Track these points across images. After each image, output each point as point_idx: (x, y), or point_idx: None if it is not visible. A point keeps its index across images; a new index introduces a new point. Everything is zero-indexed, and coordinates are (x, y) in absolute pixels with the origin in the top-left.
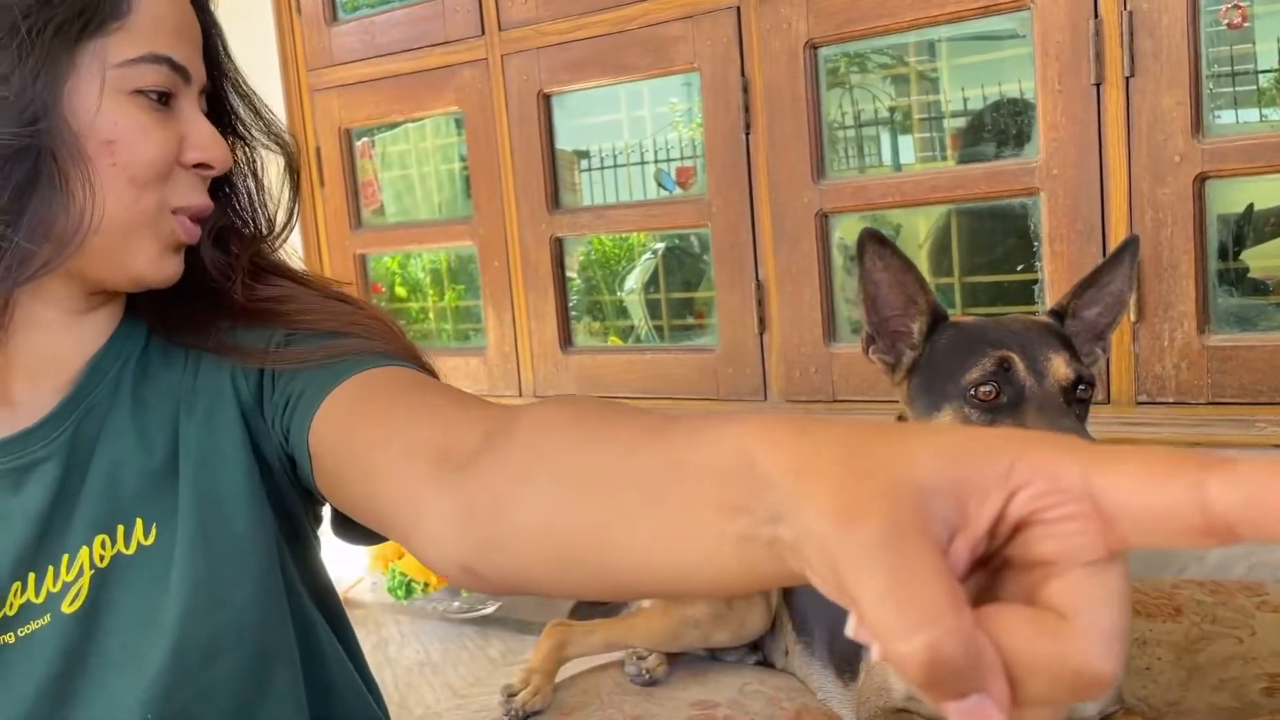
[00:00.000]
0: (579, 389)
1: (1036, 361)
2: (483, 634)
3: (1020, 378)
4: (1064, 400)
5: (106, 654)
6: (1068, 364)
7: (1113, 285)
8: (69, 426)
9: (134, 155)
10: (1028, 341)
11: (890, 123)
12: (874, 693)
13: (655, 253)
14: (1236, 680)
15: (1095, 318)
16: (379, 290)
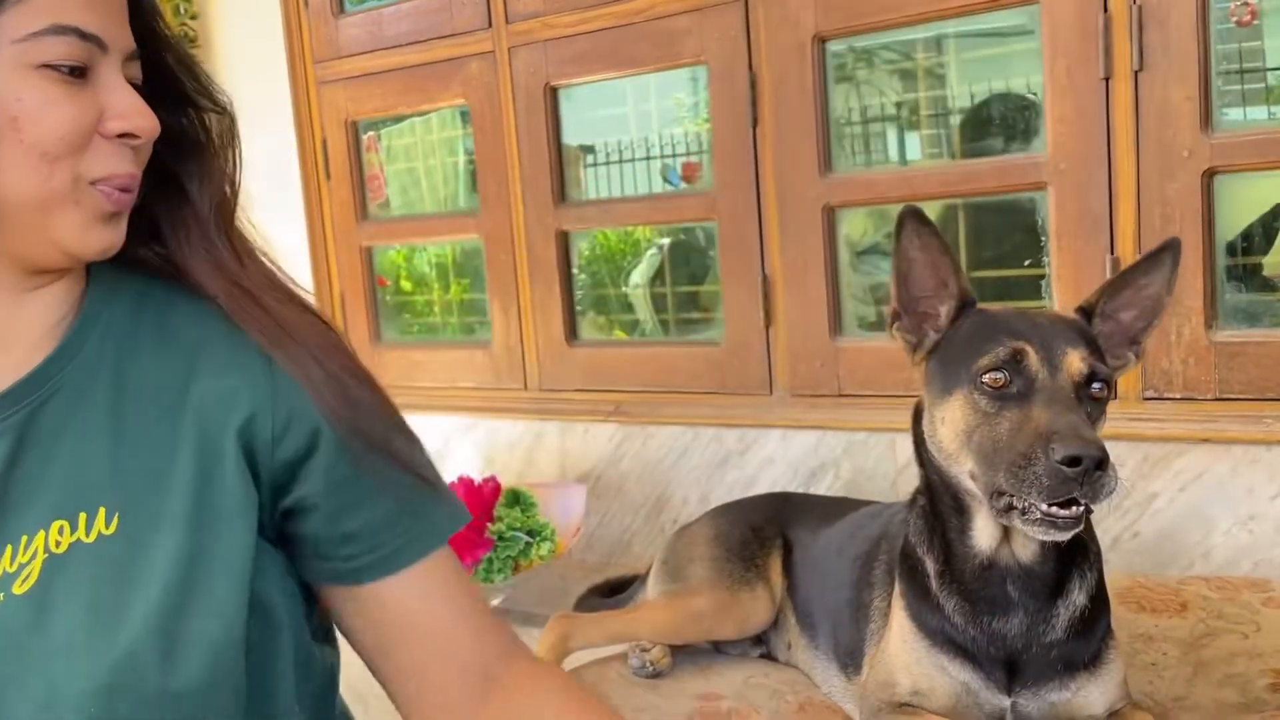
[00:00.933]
0: (584, 383)
1: (1052, 354)
2: None
3: (1032, 369)
4: (1075, 395)
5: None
6: (1083, 359)
7: (1150, 288)
8: (26, 406)
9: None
10: (1048, 335)
11: (897, 119)
12: (878, 687)
13: (661, 248)
14: (1242, 676)
15: (1130, 320)
16: (384, 283)
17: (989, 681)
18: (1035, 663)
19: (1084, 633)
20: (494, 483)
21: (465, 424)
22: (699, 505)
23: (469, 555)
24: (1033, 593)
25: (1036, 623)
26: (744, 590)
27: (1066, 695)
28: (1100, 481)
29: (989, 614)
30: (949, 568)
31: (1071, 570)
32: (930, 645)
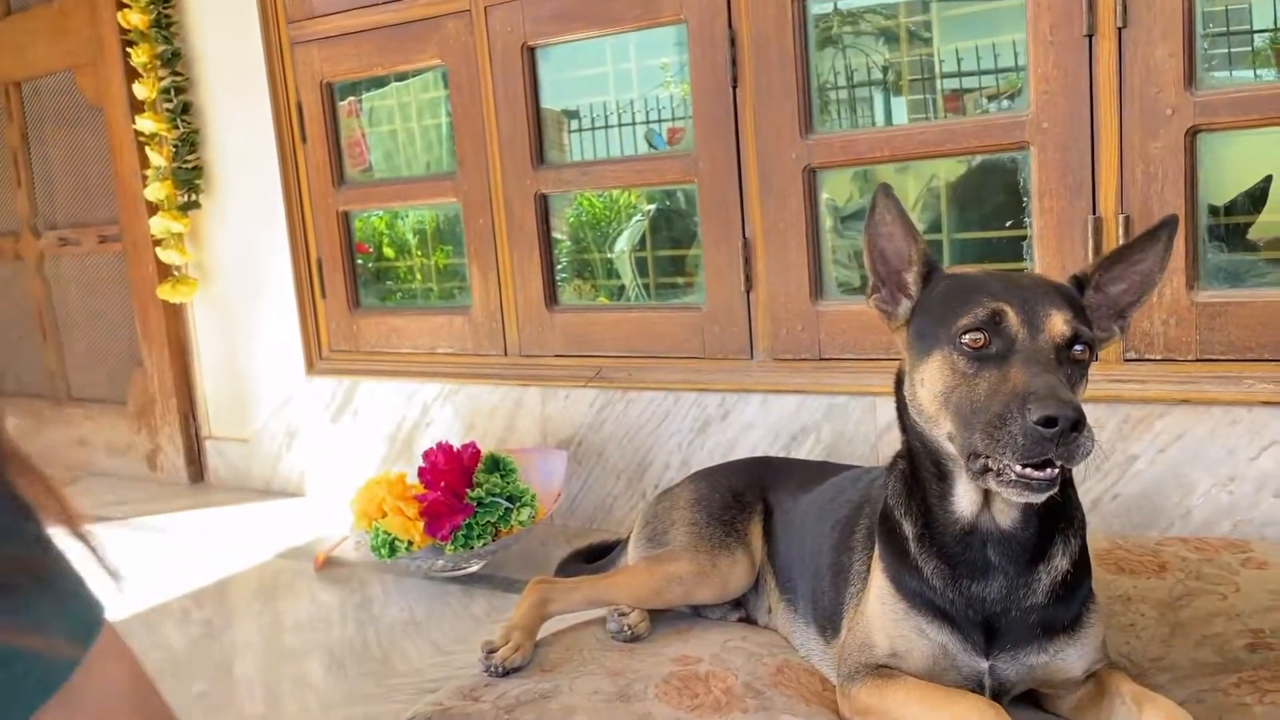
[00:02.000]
0: (564, 349)
1: (1034, 316)
2: (467, 592)
3: (1012, 330)
4: (1055, 357)
5: None
6: (1066, 321)
7: (1143, 264)
8: None
9: None
10: (1029, 297)
11: (884, 83)
12: (856, 649)
13: (646, 214)
14: (1220, 636)
15: (1119, 294)
16: (365, 250)
17: (967, 644)
18: (1014, 626)
19: (1065, 597)
20: (473, 449)
21: (445, 390)
22: (680, 470)
23: (448, 522)
24: (1013, 558)
25: (1017, 587)
26: (723, 555)
27: (1045, 658)
28: (1076, 443)
29: (968, 578)
30: (928, 531)
31: (1054, 536)
32: (909, 608)
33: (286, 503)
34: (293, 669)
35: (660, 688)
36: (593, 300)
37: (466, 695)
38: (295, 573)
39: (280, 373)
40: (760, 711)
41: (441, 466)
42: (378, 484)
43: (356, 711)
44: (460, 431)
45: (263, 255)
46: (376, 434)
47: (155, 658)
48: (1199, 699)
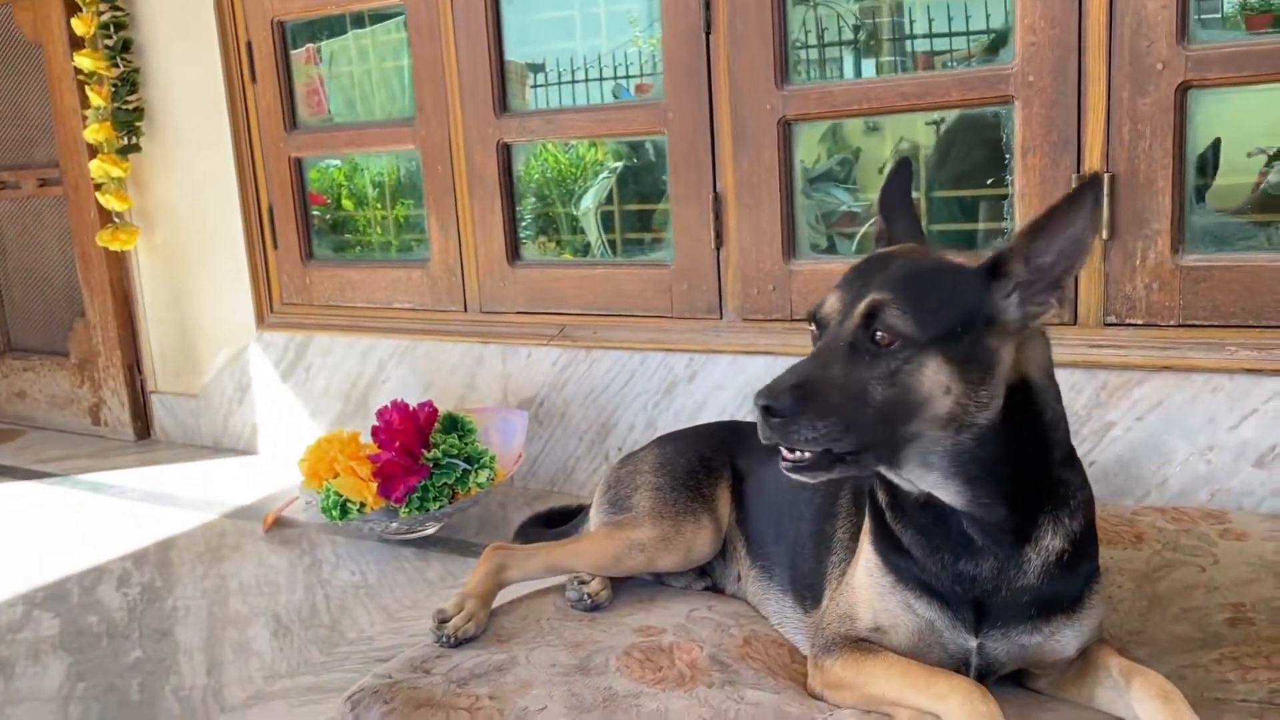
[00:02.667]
0: (527, 305)
1: (851, 305)
2: (422, 556)
3: (827, 318)
4: (852, 344)
5: None
6: (870, 304)
7: (1073, 230)
8: None
9: None
10: (867, 280)
11: (854, 44)
12: (837, 620)
13: (613, 172)
14: (1199, 610)
15: (1050, 264)
16: (323, 201)
17: (956, 621)
18: (1007, 605)
19: (1064, 577)
20: (430, 407)
21: (401, 346)
22: (645, 432)
23: (402, 483)
24: (994, 537)
25: (1008, 567)
26: (688, 521)
27: (1039, 639)
28: (782, 428)
29: (951, 553)
30: (897, 501)
31: (1040, 517)
32: (896, 581)
33: (235, 461)
34: (236, 635)
35: (622, 660)
36: (557, 255)
37: (417, 667)
38: (242, 533)
39: (230, 326)
40: (726, 685)
41: (397, 425)
42: (329, 443)
43: (303, 681)
44: (417, 390)
45: (210, 203)
46: (330, 391)
47: (90, 622)
48: (1180, 675)
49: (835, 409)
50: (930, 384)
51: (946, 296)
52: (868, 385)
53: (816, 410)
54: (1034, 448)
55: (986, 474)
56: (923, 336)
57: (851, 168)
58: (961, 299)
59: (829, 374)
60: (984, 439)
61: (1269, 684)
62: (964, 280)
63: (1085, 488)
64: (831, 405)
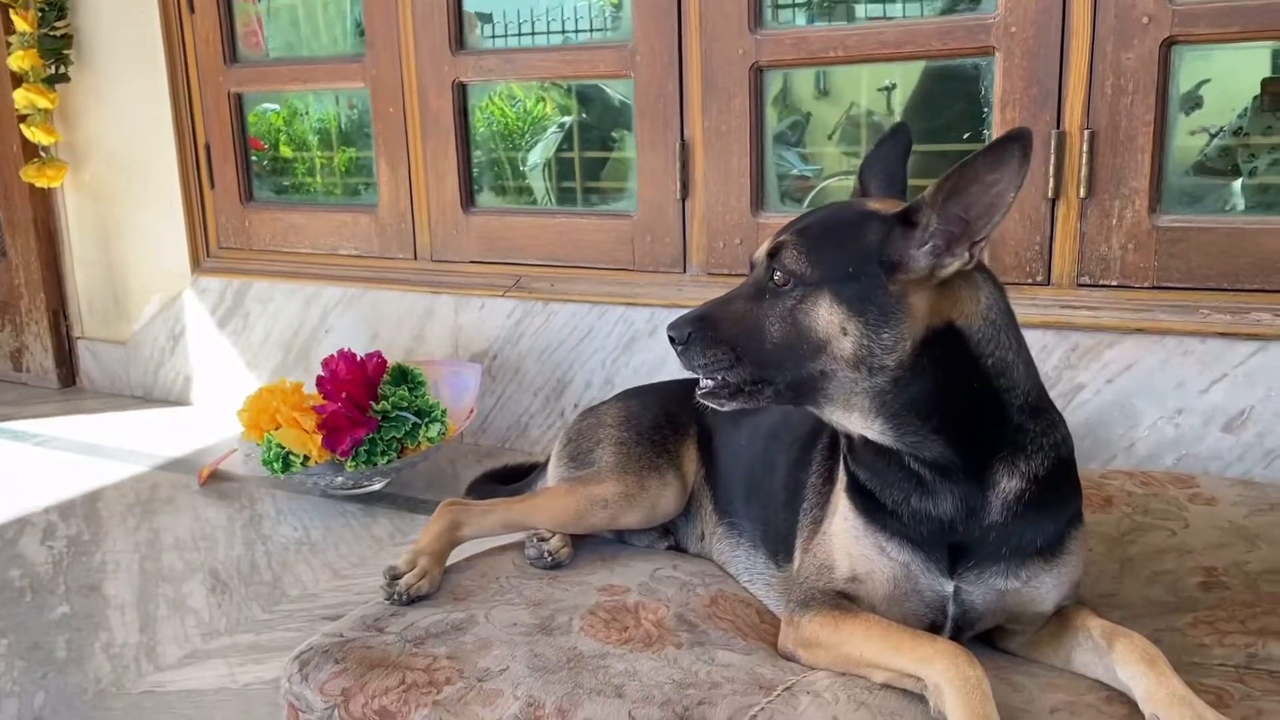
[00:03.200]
0: (481, 254)
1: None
2: (368, 512)
3: (755, 261)
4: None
5: None
6: (771, 246)
7: (997, 185)
8: None
9: None
10: (793, 227)
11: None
12: (814, 571)
13: (563, 126)
14: (1171, 574)
15: (964, 214)
16: (261, 147)
17: (930, 563)
18: (978, 545)
19: (1033, 518)
20: (379, 358)
21: (348, 295)
22: (603, 388)
23: (348, 436)
24: (945, 476)
25: (973, 507)
26: (653, 477)
27: (1016, 584)
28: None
29: (903, 490)
30: (852, 441)
31: (991, 460)
32: (867, 523)
33: (168, 411)
34: (171, 591)
35: (586, 619)
36: (514, 203)
37: (370, 626)
38: (176, 486)
39: (163, 270)
40: (695, 646)
41: (343, 376)
42: (271, 393)
43: (243, 639)
44: (364, 341)
45: (143, 139)
46: (270, 340)
47: (12, 576)
48: (1156, 639)
49: (726, 340)
50: (824, 323)
51: (845, 240)
52: (763, 321)
53: (708, 340)
54: (975, 392)
55: (911, 413)
56: (813, 276)
57: (803, 131)
58: (859, 243)
59: (730, 309)
60: (900, 381)
61: (1245, 648)
62: (869, 226)
63: (1052, 433)
64: (723, 337)
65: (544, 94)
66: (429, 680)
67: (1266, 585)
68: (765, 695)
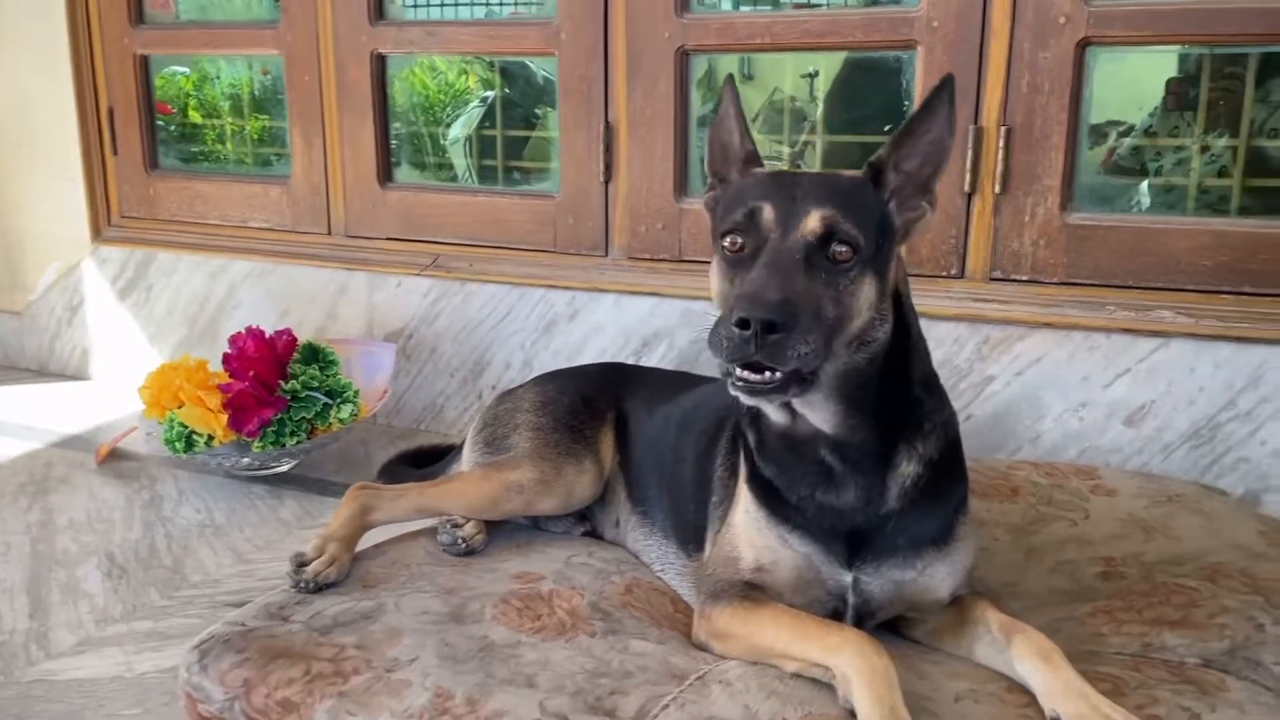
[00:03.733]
0: (398, 231)
1: (791, 214)
2: (275, 494)
3: (765, 229)
4: (805, 257)
5: None
6: (823, 218)
7: (931, 134)
8: None
9: None
10: (797, 193)
11: None
12: (722, 564)
13: (485, 100)
14: (1072, 563)
15: (917, 169)
16: (168, 111)
17: (829, 554)
18: (875, 537)
19: (927, 507)
20: (289, 336)
21: (256, 269)
22: (521, 371)
23: (255, 415)
24: (855, 464)
25: (871, 496)
26: (570, 463)
27: (912, 574)
28: (778, 345)
29: (810, 484)
30: (763, 438)
31: (898, 442)
32: (769, 515)
33: (64, 385)
34: (65, 575)
35: (499, 608)
36: (433, 179)
37: (274, 614)
38: (72, 465)
39: (61, 239)
40: (609, 635)
41: (251, 354)
42: (174, 369)
43: (140, 626)
44: (274, 317)
45: (42, 101)
46: (174, 314)
47: None
48: (1055, 628)
49: (811, 325)
50: (864, 299)
51: (870, 209)
52: (823, 301)
53: (805, 326)
54: (901, 366)
55: (863, 393)
56: (868, 251)
57: None
58: (876, 210)
59: (794, 286)
60: (873, 356)
61: (1141, 637)
62: (870, 192)
63: (942, 410)
64: (811, 322)
65: (467, 67)
66: (335, 670)
67: (1162, 575)
68: (678, 684)
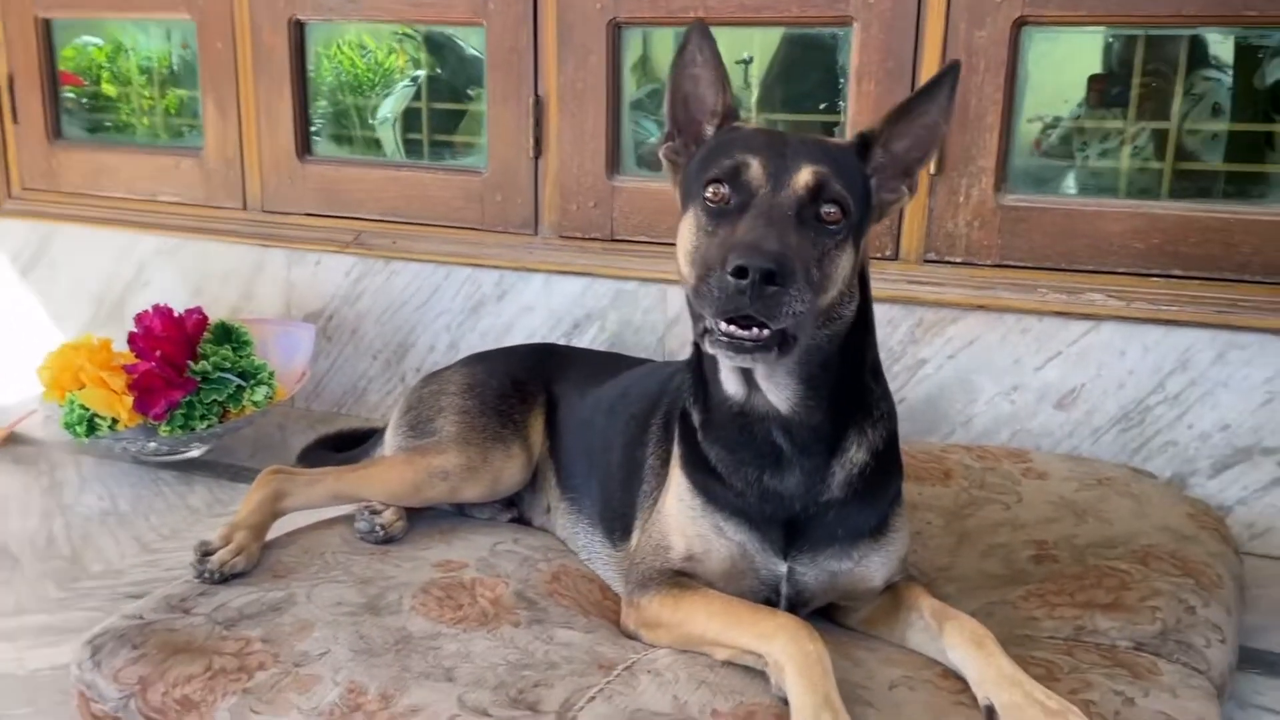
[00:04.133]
0: (318, 207)
1: (782, 169)
2: (185, 480)
3: (754, 183)
4: (796, 214)
5: None
6: (815, 174)
7: (927, 117)
8: None
9: None
10: (787, 151)
11: None
12: (651, 552)
13: (416, 80)
14: (1005, 547)
15: (904, 151)
16: (78, 83)
17: (765, 543)
18: (813, 525)
19: (867, 497)
20: (199, 314)
21: (167, 245)
22: (447, 353)
23: (162, 398)
24: (803, 448)
25: (814, 482)
26: (497, 448)
27: (848, 564)
28: (775, 298)
29: (757, 468)
30: (710, 417)
31: (848, 427)
32: (705, 503)
33: None
34: None
35: (418, 598)
36: (355, 153)
37: (174, 606)
38: None
39: None
40: (534, 624)
41: (157, 333)
42: (76, 349)
43: (32, 620)
44: (186, 296)
45: None
46: (79, 292)
47: None
48: (988, 612)
49: (807, 285)
50: (842, 269)
51: (856, 177)
52: (810, 263)
53: (800, 282)
54: (858, 349)
55: (824, 373)
56: (854, 218)
57: (661, 100)
58: (861, 180)
59: (788, 241)
60: (836, 334)
61: (1073, 621)
62: (856, 161)
63: (887, 398)
64: (804, 279)
65: (397, 45)
66: (239, 666)
67: (1093, 558)
68: (605, 675)
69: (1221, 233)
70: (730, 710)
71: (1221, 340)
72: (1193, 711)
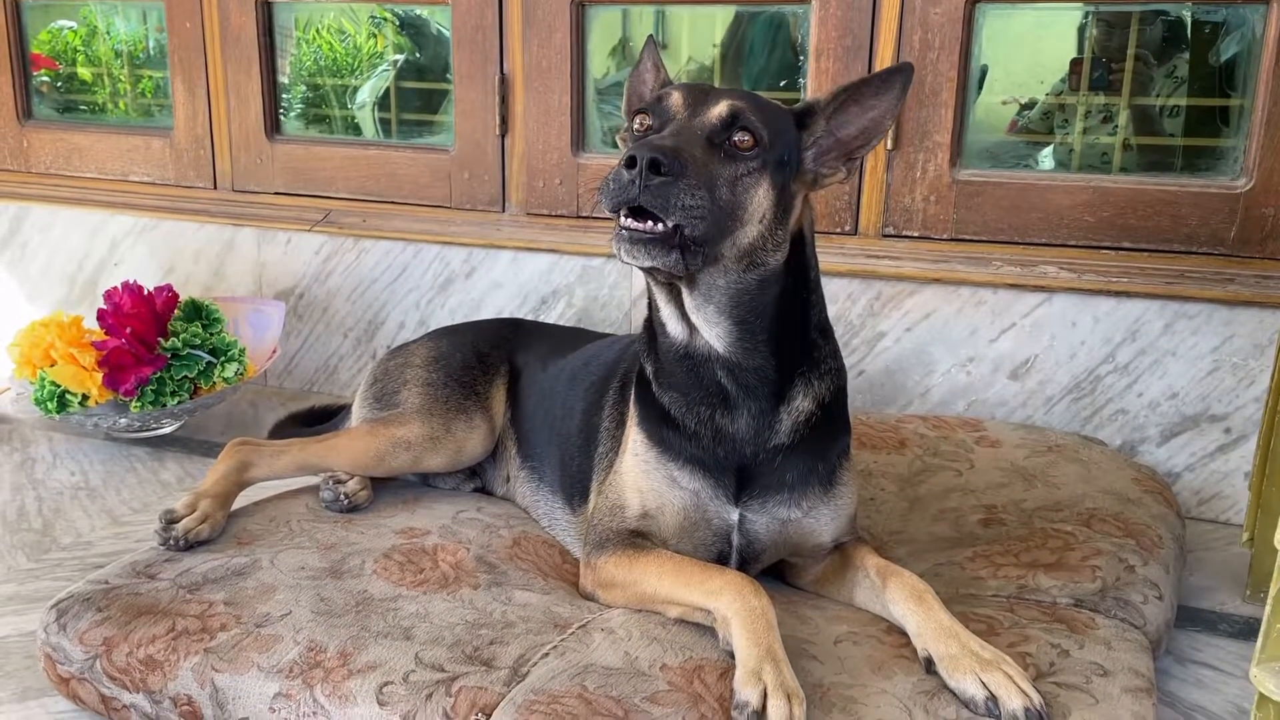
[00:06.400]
0: (288, 186)
1: (701, 102)
2: (156, 456)
3: (672, 110)
4: (708, 138)
5: None
6: (730, 106)
7: (875, 111)
8: None
9: None
10: (711, 91)
11: None
12: (607, 513)
13: (393, 65)
14: (955, 511)
15: (849, 138)
16: (54, 66)
17: (718, 489)
18: (764, 473)
19: (815, 447)
20: (170, 292)
21: (138, 225)
22: (416, 330)
23: (133, 374)
24: (749, 389)
25: (762, 426)
26: (460, 419)
27: (797, 514)
28: (663, 189)
29: (709, 406)
30: (661, 366)
31: (794, 377)
32: (660, 454)
33: None
34: None
35: (380, 563)
36: (324, 132)
37: (140, 572)
38: None
39: None
40: (493, 587)
41: (127, 310)
42: (45, 326)
43: (2, 590)
44: (157, 275)
45: None
46: (51, 272)
47: None
48: (936, 573)
49: (703, 186)
50: (758, 202)
51: (783, 125)
52: (717, 182)
53: (692, 180)
54: (798, 304)
55: (756, 318)
56: (770, 152)
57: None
58: (789, 132)
59: (694, 153)
60: (765, 282)
61: (1018, 580)
62: (788, 120)
63: (836, 357)
64: (699, 178)
65: (376, 30)
66: (201, 627)
67: (1040, 521)
68: (560, 633)
69: (1170, 205)
70: (679, 665)
71: (1170, 310)
72: (1124, 663)
